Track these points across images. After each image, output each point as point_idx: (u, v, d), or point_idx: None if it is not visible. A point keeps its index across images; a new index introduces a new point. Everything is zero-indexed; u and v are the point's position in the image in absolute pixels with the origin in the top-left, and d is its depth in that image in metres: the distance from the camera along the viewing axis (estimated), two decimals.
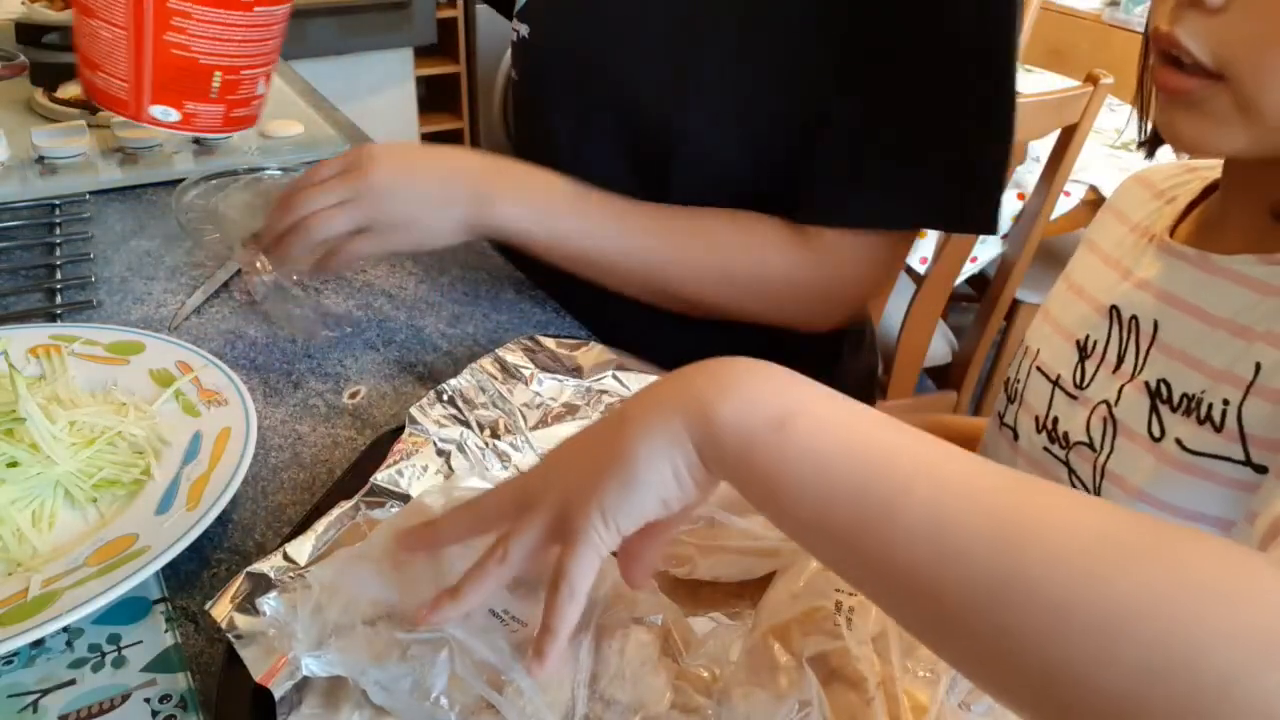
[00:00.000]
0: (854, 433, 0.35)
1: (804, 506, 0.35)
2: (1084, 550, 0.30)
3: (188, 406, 0.61)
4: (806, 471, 0.35)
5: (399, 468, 0.56)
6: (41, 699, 0.46)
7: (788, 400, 0.36)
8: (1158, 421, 0.54)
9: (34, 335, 0.67)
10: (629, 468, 0.38)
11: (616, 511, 0.38)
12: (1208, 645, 0.27)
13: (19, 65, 1.09)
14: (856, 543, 0.34)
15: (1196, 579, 0.29)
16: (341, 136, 1.12)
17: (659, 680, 0.43)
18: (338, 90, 1.28)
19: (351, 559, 0.47)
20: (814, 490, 0.34)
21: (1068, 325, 0.63)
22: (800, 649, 0.43)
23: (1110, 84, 1.45)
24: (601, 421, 0.41)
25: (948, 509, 0.32)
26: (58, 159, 0.98)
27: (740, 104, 0.74)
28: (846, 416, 0.36)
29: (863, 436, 0.35)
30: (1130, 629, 0.28)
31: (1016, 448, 0.64)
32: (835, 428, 0.35)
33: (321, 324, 0.76)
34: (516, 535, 0.40)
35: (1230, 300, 0.53)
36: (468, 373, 0.64)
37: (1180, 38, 0.47)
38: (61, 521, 0.54)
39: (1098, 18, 2.99)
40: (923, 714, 0.41)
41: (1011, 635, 0.30)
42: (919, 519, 0.32)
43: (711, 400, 0.37)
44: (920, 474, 0.33)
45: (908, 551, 0.32)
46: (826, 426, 0.35)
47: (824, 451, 0.35)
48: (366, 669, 0.42)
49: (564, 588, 0.39)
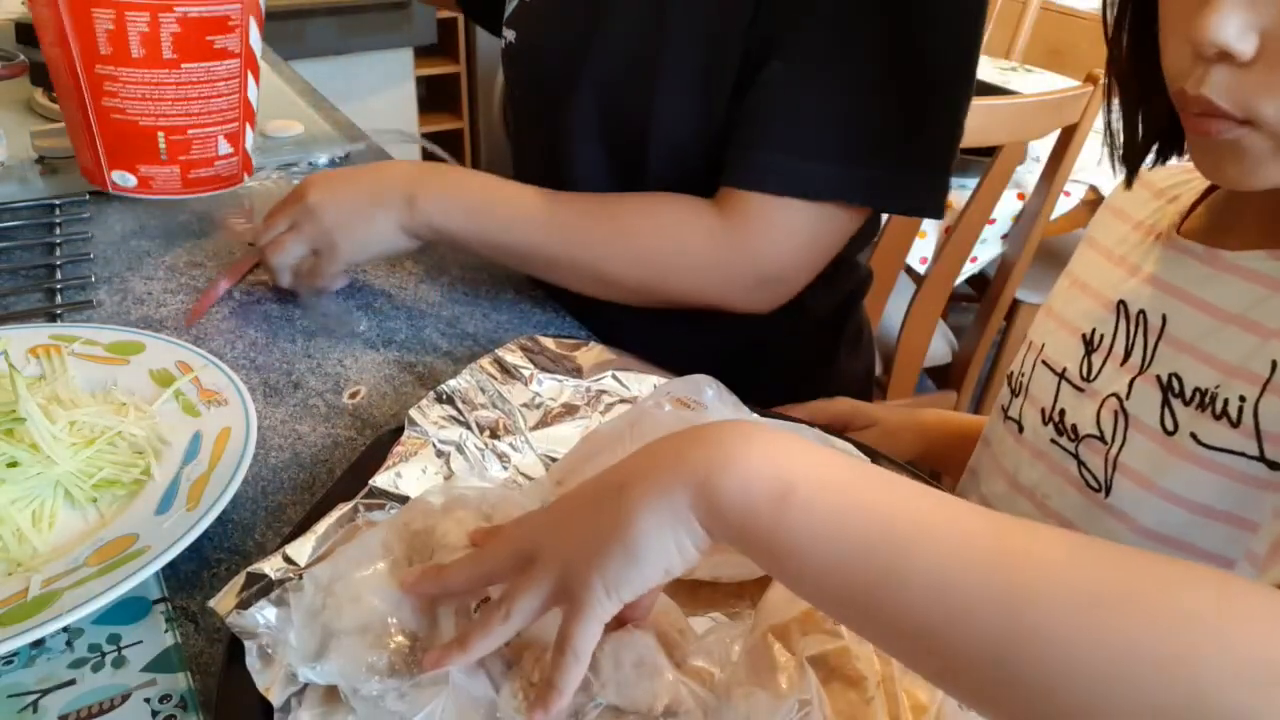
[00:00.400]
0: (851, 499, 0.36)
1: (808, 575, 0.36)
2: (1083, 602, 0.31)
3: (188, 406, 0.61)
4: (807, 543, 0.36)
5: (398, 469, 0.56)
6: (41, 699, 0.46)
7: (786, 471, 0.37)
8: (1170, 415, 0.54)
9: (34, 335, 0.67)
10: (631, 542, 0.38)
11: (619, 584, 0.39)
12: (1211, 684, 0.29)
13: (19, 65, 1.09)
14: (863, 607, 0.35)
15: (1193, 618, 0.30)
16: (341, 136, 1.13)
17: (656, 683, 0.43)
18: (338, 90, 1.28)
19: (350, 561, 0.47)
20: (817, 561, 0.36)
21: (1072, 320, 0.63)
22: (800, 649, 0.43)
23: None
24: (601, 483, 0.42)
25: (949, 571, 0.33)
26: (58, 159, 0.98)
27: (701, 78, 0.75)
28: (844, 482, 0.37)
29: (860, 502, 0.36)
30: (1134, 674, 0.29)
31: (1022, 440, 0.64)
32: (834, 495, 0.36)
33: (354, 317, 0.79)
34: (519, 596, 0.41)
35: (1240, 296, 0.53)
36: (467, 373, 0.64)
37: (1212, 98, 0.47)
38: (61, 521, 0.54)
39: (1098, 18, 2.99)
40: (922, 713, 0.41)
41: (1020, 685, 0.31)
42: (922, 583, 0.33)
43: (712, 474, 0.37)
44: (919, 537, 0.34)
45: (913, 613, 0.33)
46: (825, 496, 0.36)
47: (824, 523, 0.36)
48: (360, 684, 0.42)
49: (569, 653, 0.40)
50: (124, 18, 0.75)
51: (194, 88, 0.81)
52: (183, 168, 0.85)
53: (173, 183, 0.85)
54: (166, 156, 0.83)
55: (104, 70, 0.77)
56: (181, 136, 0.83)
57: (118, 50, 0.76)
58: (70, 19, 0.74)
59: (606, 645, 0.44)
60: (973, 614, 0.32)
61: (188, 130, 0.83)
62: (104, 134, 0.80)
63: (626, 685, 0.43)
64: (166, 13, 0.76)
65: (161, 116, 0.81)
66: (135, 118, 0.80)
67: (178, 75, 0.80)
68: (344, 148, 1.09)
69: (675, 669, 0.44)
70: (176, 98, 0.81)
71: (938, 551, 0.34)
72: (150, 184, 0.84)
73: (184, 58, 0.79)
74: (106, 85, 0.78)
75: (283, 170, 0.96)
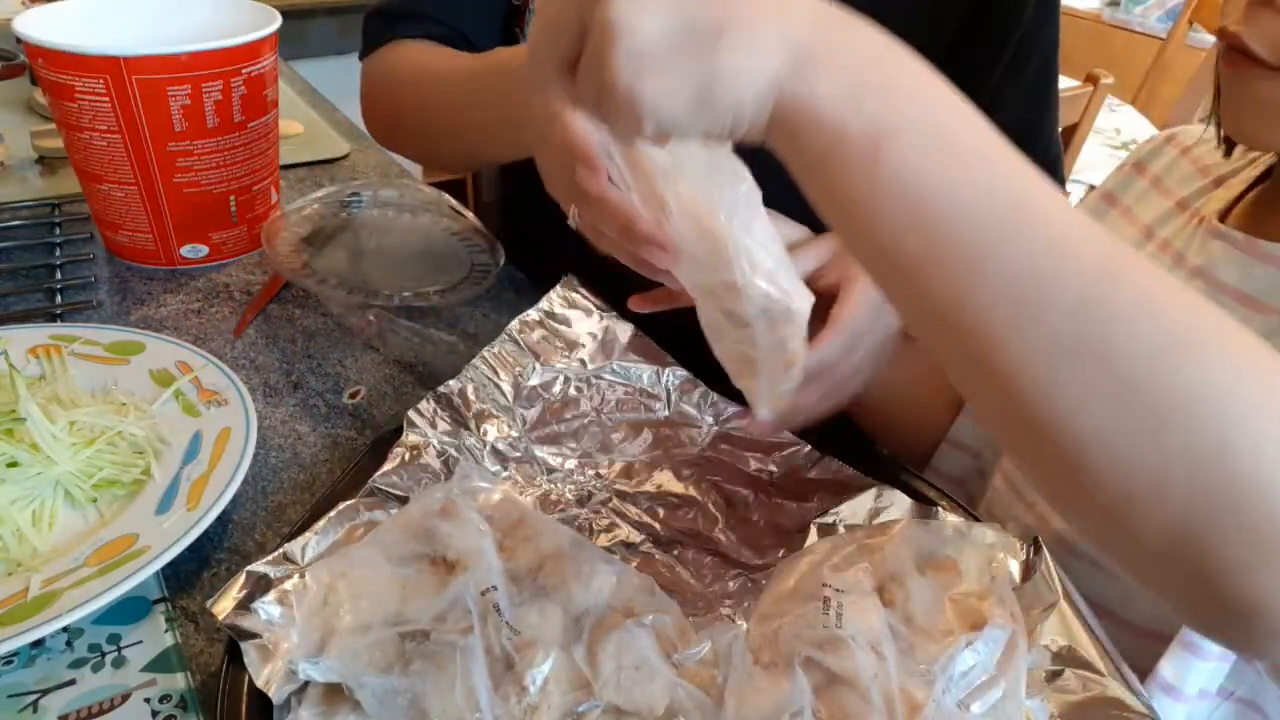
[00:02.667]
0: (959, 161, 0.32)
1: (878, 229, 0.33)
2: (1165, 335, 0.31)
3: (188, 406, 0.61)
4: (895, 196, 0.32)
5: (398, 469, 0.56)
6: (41, 699, 0.46)
7: (896, 112, 0.32)
8: None
9: (34, 335, 0.67)
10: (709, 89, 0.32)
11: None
12: (1247, 444, 0.30)
13: (19, 65, 1.09)
14: (927, 281, 0.32)
15: (1251, 380, 0.30)
16: (341, 136, 1.13)
17: (656, 684, 0.43)
18: (338, 90, 1.28)
19: (351, 560, 0.47)
20: (898, 217, 0.32)
21: None
22: (794, 650, 0.43)
23: (1110, 84, 1.45)
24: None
25: (1040, 267, 0.31)
26: (58, 159, 0.98)
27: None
28: (951, 145, 0.32)
29: (964, 174, 0.32)
30: (1182, 413, 0.30)
31: None
32: (937, 153, 0.32)
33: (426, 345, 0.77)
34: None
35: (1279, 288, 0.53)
36: (467, 373, 0.64)
37: (1246, 38, 0.48)
38: (61, 521, 0.54)
39: (1098, 18, 2.99)
40: (918, 712, 0.42)
41: (1062, 398, 0.31)
42: (1005, 273, 0.31)
43: (817, 62, 0.32)
44: (1016, 227, 0.31)
45: (984, 299, 0.31)
46: (929, 153, 0.32)
47: (917, 185, 0.32)
48: (364, 679, 0.42)
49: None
50: (200, 90, 0.75)
51: (257, 144, 0.82)
52: (249, 225, 0.85)
53: (241, 243, 0.86)
54: (237, 218, 0.84)
55: (178, 147, 0.77)
56: (248, 196, 0.84)
57: (193, 124, 0.76)
58: (142, 102, 0.74)
59: (607, 645, 0.44)
60: (1051, 307, 0.30)
61: (252, 188, 0.84)
62: (175, 211, 0.80)
63: (627, 686, 0.43)
64: (235, 77, 0.77)
65: (233, 180, 0.81)
66: (209, 187, 0.80)
67: (246, 135, 0.80)
68: (344, 148, 1.09)
69: (675, 670, 0.44)
70: (246, 158, 0.82)
71: (1031, 247, 0.31)
72: (222, 249, 0.84)
73: (250, 117, 0.80)
74: (179, 161, 0.78)
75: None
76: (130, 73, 0.72)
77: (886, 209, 0.32)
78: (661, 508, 0.59)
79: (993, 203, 0.32)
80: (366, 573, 0.47)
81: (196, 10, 0.85)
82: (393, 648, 0.44)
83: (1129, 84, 2.62)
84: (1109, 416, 0.30)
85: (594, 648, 0.44)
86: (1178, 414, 0.30)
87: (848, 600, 0.46)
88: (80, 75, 0.72)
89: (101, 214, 0.82)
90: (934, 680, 0.43)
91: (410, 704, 0.41)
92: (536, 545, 0.49)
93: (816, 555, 0.50)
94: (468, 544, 0.47)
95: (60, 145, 0.96)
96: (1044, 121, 0.75)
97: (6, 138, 0.98)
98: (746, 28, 0.31)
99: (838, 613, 0.45)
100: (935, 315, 0.33)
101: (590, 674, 0.43)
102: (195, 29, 0.82)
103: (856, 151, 0.32)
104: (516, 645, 0.44)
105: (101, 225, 0.84)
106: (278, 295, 0.81)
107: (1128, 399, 0.30)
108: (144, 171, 0.78)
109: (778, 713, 0.42)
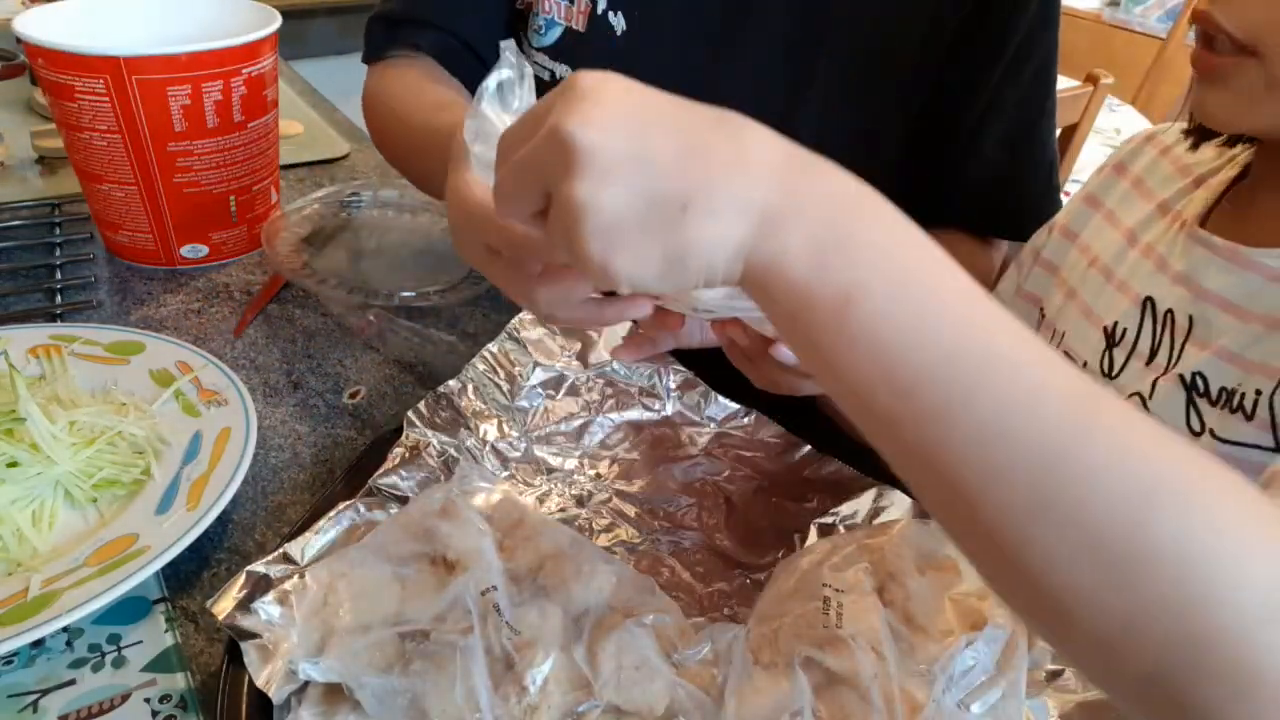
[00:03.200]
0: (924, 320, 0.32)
1: (849, 383, 0.33)
2: (1138, 489, 0.30)
3: (188, 406, 0.61)
4: (862, 354, 0.32)
5: (398, 470, 0.56)
6: (41, 699, 0.46)
7: (862, 268, 0.32)
8: (1196, 416, 0.54)
9: (34, 335, 0.67)
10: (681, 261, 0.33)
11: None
12: (1218, 598, 0.29)
13: (19, 65, 1.09)
14: (900, 433, 0.33)
15: (1234, 531, 0.30)
16: (341, 136, 1.13)
17: (656, 684, 0.43)
18: (338, 90, 1.28)
19: (351, 560, 0.47)
20: (866, 373, 0.32)
21: (1098, 310, 0.63)
22: (794, 650, 0.43)
23: (1110, 84, 1.45)
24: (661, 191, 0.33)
25: (1008, 425, 0.31)
26: (58, 159, 0.98)
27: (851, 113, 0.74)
28: (917, 299, 0.33)
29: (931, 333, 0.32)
30: (1153, 568, 0.29)
31: None
32: (901, 313, 0.32)
33: (426, 345, 0.77)
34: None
35: (1264, 296, 0.53)
36: (467, 373, 0.64)
37: (1216, 15, 0.49)
38: (61, 521, 0.54)
39: (1098, 17, 2.99)
40: (918, 712, 0.42)
41: (1037, 552, 0.31)
42: (974, 428, 0.31)
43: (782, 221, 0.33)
44: (982, 385, 0.31)
45: (954, 453, 0.31)
46: (892, 315, 0.32)
47: (884, 345, 0.32)
48: (364, 679, 0.42)
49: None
50: (200, 90, 0.75)
51: (256, 144, 0.82)
52: (249, 225, 0.85)
53: (241, 243, 0.86)
54: (237, 218, 0.84)
55: (178, 146, 0.77)
56: (248, 195, 0.84)
57: (193, 124, 0.76)
58: (142, 102, 0.74)
59: (607, 645, 0.44)
60: (1018, 466, 0.31)
61: (252, 188, 0.84)
62: (176, 211, 0.80)
63: (626, 686, 0.43)
64: (235, 77, 0.77)
65: (233, 180, 0.82)
66: (209, 187, 0.81)
67: (245, 135, 0.81)
68: (344, 148, 1.09)
69: (675, 670, 0.44)
70: (246, 158, 0.82)
71: (999, 401, 0.31)
72: (222, 249, 0.85)
73: (249, 117, 0.80)
74: (179, 161, 0.78)
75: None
76: (130, 73, 0.72)
77: (854, 367, 0.33)
78: (662, 507, 0.59)
79: (960, 358, 0.32)
80: (366, 573, 0.47)
81: (196, 10, 0.85)
82: (392, 648, 0.44)
83: (1129, 84, 2.62)
84: (1083, 569, 0.30)
85: (594, 648, 0.44)
86: (1148, 567, 0.29)
87: (848, 600, 0.46)
88: (80, 75, 0.72)
89: (101, 214, 0.82)
90: (934, 680, 0.43)
91: (410, 704, 0.41)
92: (536, 545, 0.49)
93: (816, 555, 0.50)
94: (468, 544, 0.47)
95: (60, 145, 0.97)
96: (1041, 124, 0.76)
97: (6, 138, 0.98)
98: (710, 200, 0.32)
99: (838, 613, 0.45)
100: (913, 465, 0.34)
101: (590, 674, 0.43)
102: (195, 29, 0.82)
103: (824, 312, 0.32)
104: (516, 645, 0.44)
105: (101, 225, 0.84)
106: (278, 295, 0.81)
107: (1099, 553, 0.30)
108: (144, 171, 0.78)
109: (778, 713, 0.42)
